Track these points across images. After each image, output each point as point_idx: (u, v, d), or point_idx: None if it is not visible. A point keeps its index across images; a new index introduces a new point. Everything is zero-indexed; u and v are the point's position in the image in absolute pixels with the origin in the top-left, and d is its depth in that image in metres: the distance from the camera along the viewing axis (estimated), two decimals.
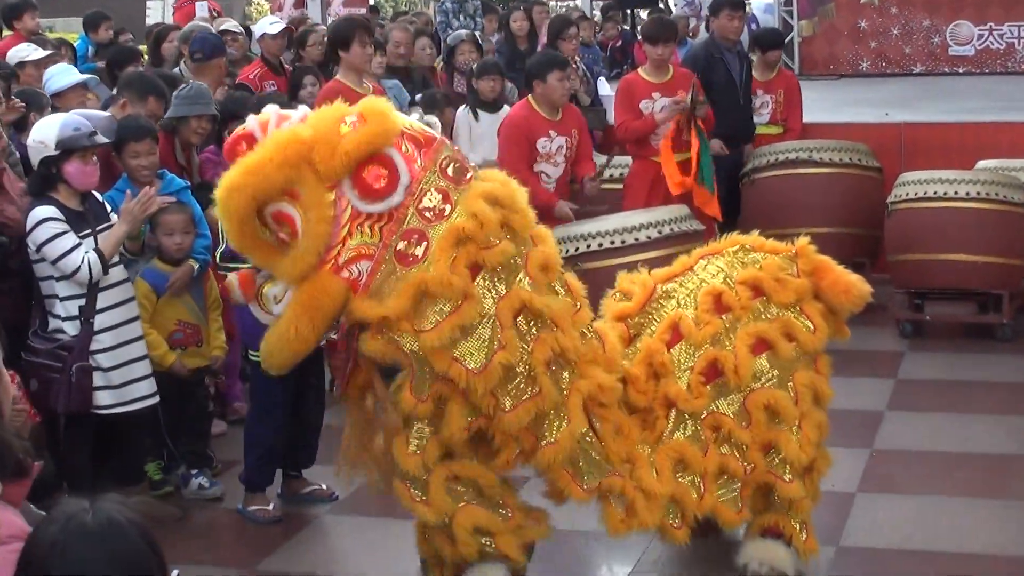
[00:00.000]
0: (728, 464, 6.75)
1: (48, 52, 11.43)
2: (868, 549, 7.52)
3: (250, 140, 6.08)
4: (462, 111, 12.11)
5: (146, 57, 13.73)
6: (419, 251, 6.06)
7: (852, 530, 7.73)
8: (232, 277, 6.34)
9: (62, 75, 10.43)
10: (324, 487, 8.32)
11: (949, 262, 11.36)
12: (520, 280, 6.19)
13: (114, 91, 10.27)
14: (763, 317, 6.85)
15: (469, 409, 6.22)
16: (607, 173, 11.96)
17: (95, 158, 7.80)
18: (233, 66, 12.73)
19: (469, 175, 6.27)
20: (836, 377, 10.08)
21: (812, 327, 6.93)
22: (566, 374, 6.33)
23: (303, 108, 6.37)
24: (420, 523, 6.66)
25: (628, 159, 11.80)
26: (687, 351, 6.80)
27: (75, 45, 14.76)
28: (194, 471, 8.50)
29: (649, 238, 9.91)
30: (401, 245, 6.07)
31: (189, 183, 8.93)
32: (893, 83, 16.96)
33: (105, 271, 7.70)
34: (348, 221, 6.03)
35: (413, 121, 6.50)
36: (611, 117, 12.55)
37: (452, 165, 6.23)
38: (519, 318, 6.18)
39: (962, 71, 18.14)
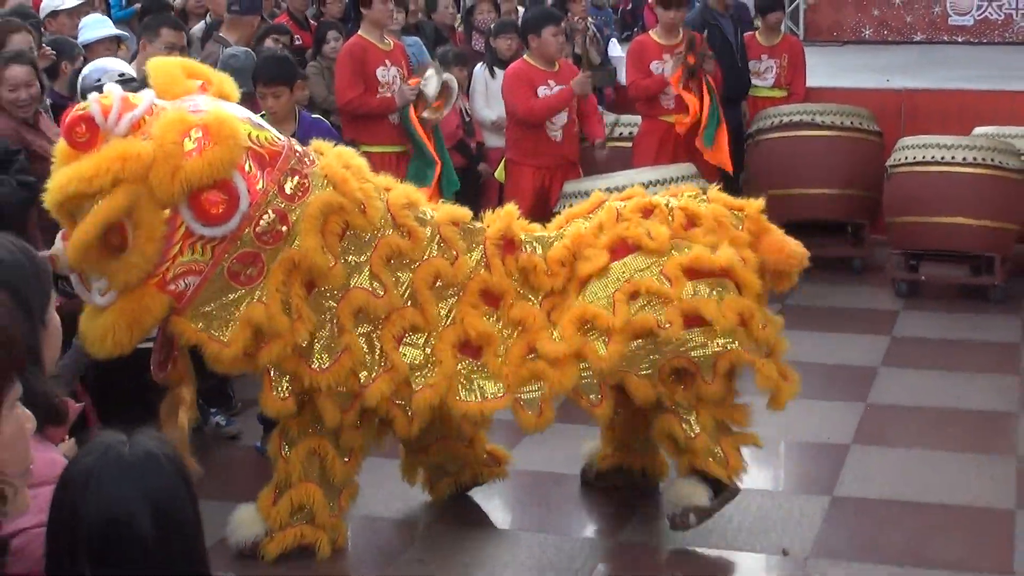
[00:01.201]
0: (641, 320, 6.67)
1: (80, 2, 11.37)
2: (860, 499, 7.54)
3: (90, 123, 5.92)
4: (479, 68, 12.07)
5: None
6: (253, 272, 6.16)
7: (846, 480, 7.75)
8: (60, 246, 6.11)
9: (94, 27, 10.36)
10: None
11: (945, 225, 11.33)
12: (362, 279, 6.42)
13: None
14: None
15: (339, 398, 6.42)
16: (617, 131, 11.96)
17: None
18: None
19: (307, 184, 6.28)
20: (834, 333, 10.23)
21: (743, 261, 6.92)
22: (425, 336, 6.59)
23: (147, 94, 6.16)
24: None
25: (638, 119, 11.77)
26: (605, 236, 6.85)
27: None
28: (213, 409, 8.52)
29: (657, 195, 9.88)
30: (236, 266, 6.12)
31: None
32: (894, 51, 16.89)
33: None
34: (181, 239, 6.01)
35: (261, 129, 6.39)
36: (622, 77, 12.53)
37: (292, 180, 6.24)
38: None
39: (961, 40, 18.06)
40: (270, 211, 6.14)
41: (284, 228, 6.17)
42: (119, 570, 2.55)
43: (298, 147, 6.47)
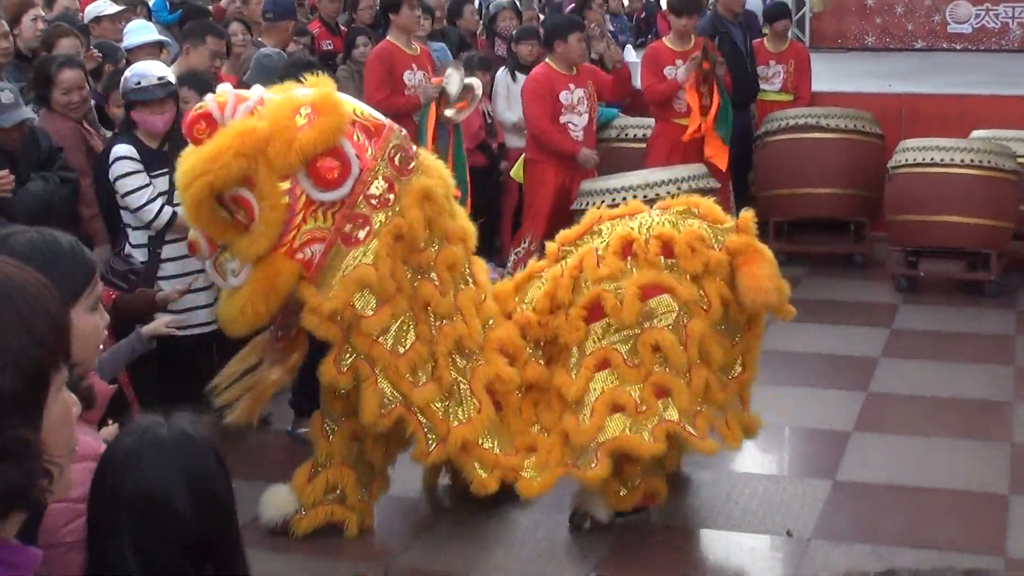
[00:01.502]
0: (618, 398, 6.61)
1: (122, 7, 11.39)
2: (861, 484, 7.53)
3: (208, 120, 6.06)
4: (501, 73, 12.08)
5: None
6: (361, 234, 6.19)
7: (847, 466, 7.74)
8: (199, 237, 6.26)
9: (138, 32, 10.37)
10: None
11: (943, 223, 11.31)
12: (430, 275, 6.43)
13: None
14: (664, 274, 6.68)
15: (382, 397, 6.39)
16: (632, 133, 11.99)
17: (164, 107, 7.80)
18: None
19: (412, 165, 6.37)
20: (835, 326, 10.22)
21: (707, 305, 6.68)
22: (466, 362, 6.56)
23: (258, 89, 6.32)
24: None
25: (650, 120, 11.78)
26: (585, 286, 6.75)
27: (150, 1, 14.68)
28: None
29: (669, 194, 9.83)
30: (348, 228, 6.17)
31: None
32: (896, 57, 16.86)
33: (169, 224, 7.76)
34: (303, 208, 6.10)
35: (363, 108, 6.50)
36: (636, 82, 12.53)
37: (399, 155, 6.33)
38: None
39: (960, 47, 18.02)
40: (380, 178, 6.24)
41: (391, 196, 6.26)
42: (157, 544, 2.56)
43: (399, 129, 6.55)
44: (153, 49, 10.00)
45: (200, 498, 2.60)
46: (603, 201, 9.91)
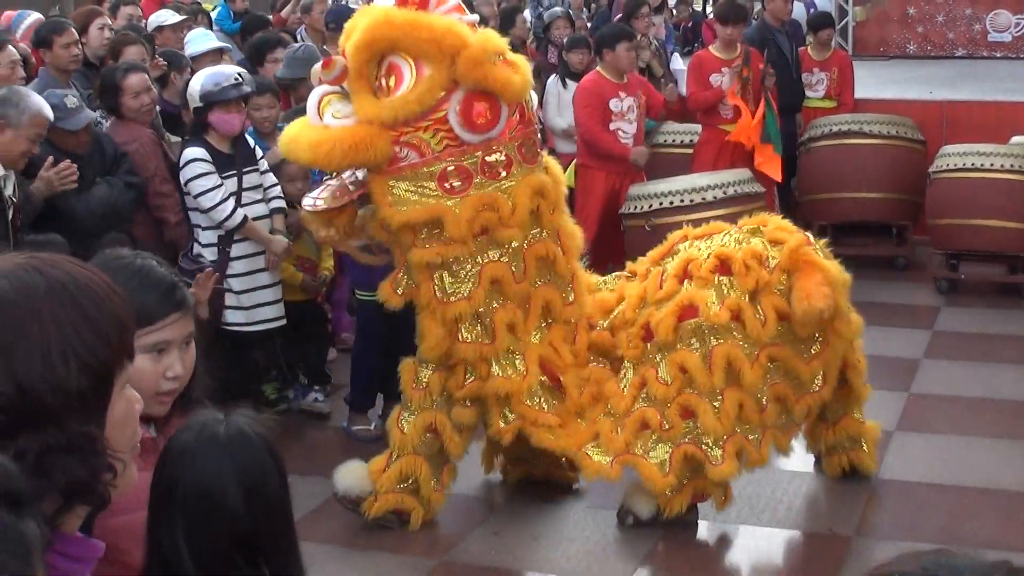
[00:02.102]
0: (647, 415, 6.62)
1: (183, 17, 11.43)
2: (903, 482, 7.48)
3: (422, 3, 6.17)
4: (552, 80, 12.07)
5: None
6: (456, 184, 6.25)
7: (889, 464, 7.69)
8: (339, 61, 6.23)
9: (200, 40, 10.42)
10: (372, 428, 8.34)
11: (983, 227, 11.23)
12: (504, 257, 6.48)
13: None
14: (724, 293, 6.61)
15: (441, 329, 6.48)
16: (676, 139, 11.98)
17: (239, 108, 7.85)
18: None
19: (537, 160, 6.50)
20: (879, 327, 10.10)
21: (763, 319, 6.60)
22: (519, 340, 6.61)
23: (473, 16, 6.50)
24: (485, 445, 7.15)
25: (698, 127, 11.74)
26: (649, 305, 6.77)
27: (212, 13, 14.73)
28: (315, 387, 8.71)
29: (715, 198, 9.86)
30: (450, 168, 6.21)
31: None
32: (937, 65, 16.74)
33: (240, 226, 7.81)
34: (434, 120, 6.15)
35: (532, 95, 6.68)
36: (682, 89, 12.51)
37: (528, 146, 6.44)
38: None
39: (1000, 55, 17.87)
40: (503, 153, 6.33)
41: (504, 173, 6.34)
42: (210, 540, 2.55)
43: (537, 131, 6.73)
44: (215, 56, 10.03)
45: (253, 496, 2.59)
46: (650, 204, 9.90)
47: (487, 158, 6.27)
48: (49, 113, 7.01)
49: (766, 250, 6.72)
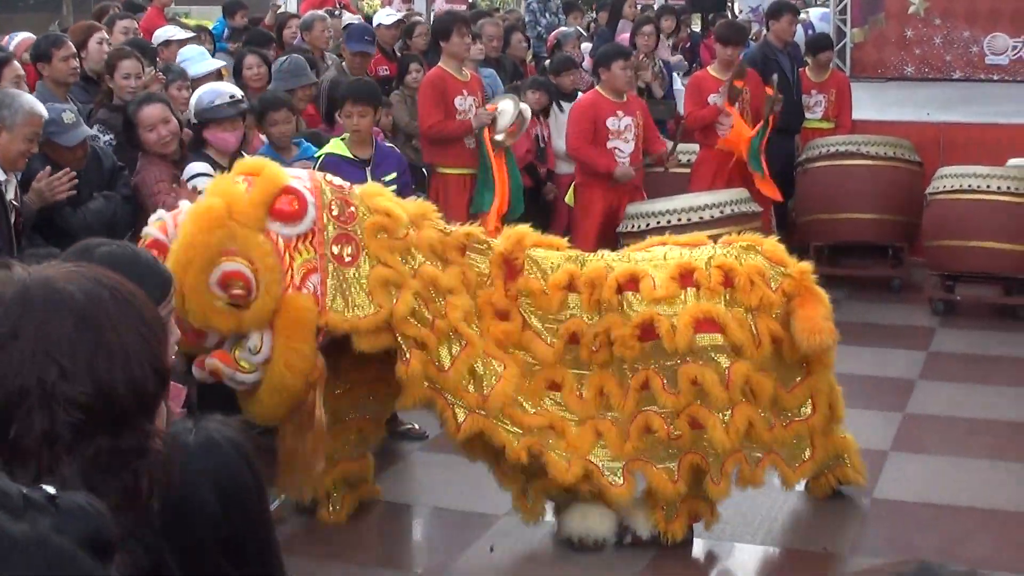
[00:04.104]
0: (651, 420, 6.55)
1: (190, 35, 11.47)
2: (898, 502, 7.48)
3: (159, 246, 6.00)
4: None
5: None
6: (353, 250, 6.22)
7: (884, 484, 7.68)
8: (214, 360, 6.16)
9: (197, 61, 10.36)
10: (416, 427, 8.34)
11: (979, 248, 11.25)
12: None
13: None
14: (726, 305, 6.57)
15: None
16: (677, 159, 12.00)
17: (235, 125, 7.83)
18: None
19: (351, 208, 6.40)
20: (874, 348, 10.16)
21: (759, 341, 6.58)
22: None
23: (184, 203, 6.34)
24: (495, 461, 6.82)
25: (696, 146, 11.76)
26: (637, 304, 6.60)
27: (212, 29, 14.79)
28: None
29: (712, 217, 9.88)
30: (335, 249, 6.17)
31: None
32: (934, 87, 16.76)
33: None
34: (284, 249, 6.08)
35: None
36: (680, 108, 12.56)
37: (335, 203, 6.34)
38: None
39: (997, 78, 17.88)
40: (334, 200, 6.27)
41: (352, 209, 6.31)
42: (192, 545, 2.57)
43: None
44: (214, 77, 10.05)
45: (229, 499, 2.60)
46: (648, 224, 9.92)
47: (335, 213, 6.27)
48: (42, 110, 6.94)
49: (769, 269, 6.72)
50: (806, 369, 6.85)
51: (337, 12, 15.47)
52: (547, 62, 12.84)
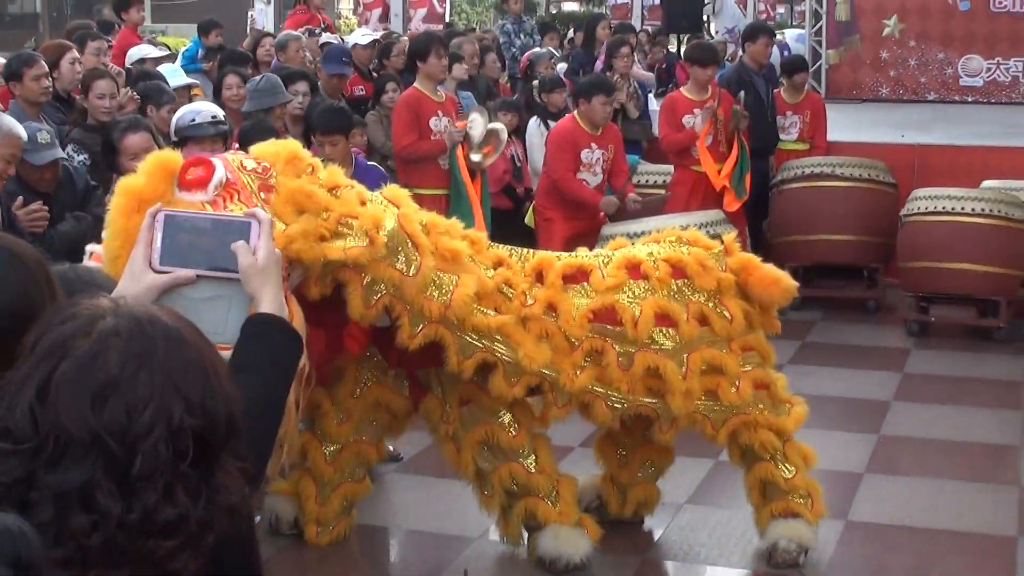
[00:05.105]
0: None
1: (164, 53, 11.46)
2: (873, 524, 7.47)
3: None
4: (534, 121, 12.11)
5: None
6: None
7: (859, 506, 7.68)
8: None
9: (170, 76, 10.38)
10: (391, 448, 8.30)
11: (954, 270, 11.28)
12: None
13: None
14: (681, 298, 6.52)
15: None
16: (651, 179, 12.01)
17: (213, 145, 7.77)
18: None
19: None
20: (849, 369, 10.17)
21: (729, 316, 6.58)
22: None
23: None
24: (480, 483, 6.68)
25: (670, 168, 11.79)
26: (586, 292, 6.47)
27: (186, 49, 14.77)
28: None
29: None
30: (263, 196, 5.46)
31: None
32: (909, 108, 16.83)
33: None
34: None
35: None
36: (656, 130, 12.57)
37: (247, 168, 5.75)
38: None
39: (971, 100, 17.97)
40: (246, 168, 5.57)
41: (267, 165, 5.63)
42: None
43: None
44: (183, 92, 10.03)
45: None
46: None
47: (247, 167, 5.60)
48: (21, 132, 6.88)
49: (706, 254, 6.69)
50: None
51: (318, 31, 15.46)
52: (535, 82, 12.81)
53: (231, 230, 2.89)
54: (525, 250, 6.67)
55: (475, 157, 10.02)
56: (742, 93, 11.87)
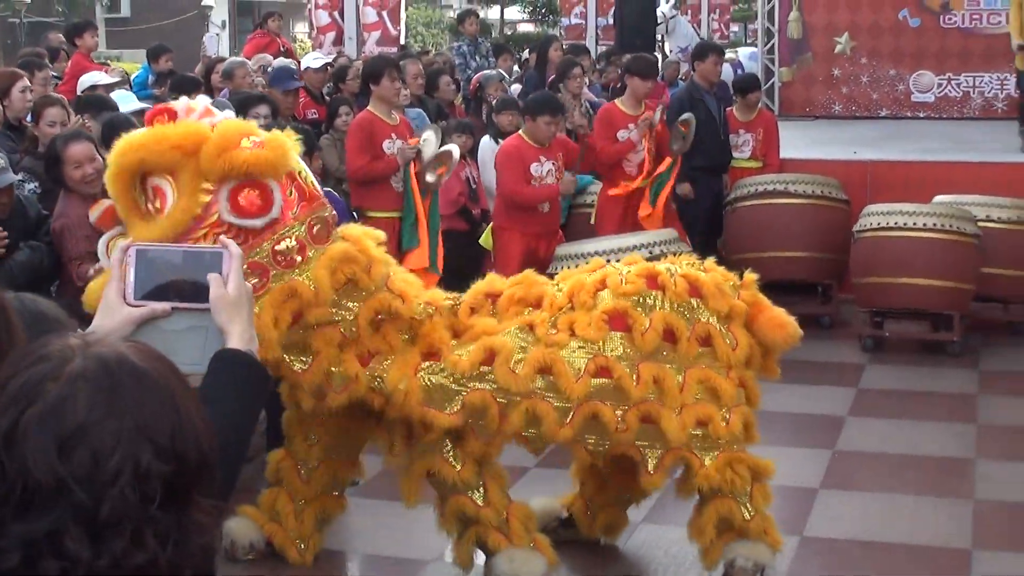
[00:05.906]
0: (600, 410, 6.39)
1: (117, 79, 11.44)
2: (828, 539, 7.50)
3: (172, 115, 5.88)
4: (486, 140, 12.11)
5: None
6: (257, 283, 5.88)
7: (814, 522, 7.71)
8: (105, 203, 6.02)
9: (123, 101, 10.40)
10: None
11: (907, 285, 11.35)
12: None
13: None
14: (693, 316, 6.52)
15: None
16: (586, 199, 12.01)
17: None
18: None
19: (330, 237, 6.19)
20: (803, 385, 10.18)
21: (734, 343, 6.58)
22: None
23: (228, 112, 6.26)
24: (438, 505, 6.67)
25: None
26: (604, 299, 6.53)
27: (136, 75, 14.77)
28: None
29: (643, 259, 9.87)
30: (245, 272, 5.85)
31: None
32: (862, 125, 16.95)
33: None
34: (208, 226, 5.79)
35: (309, 174, 6.31)
36: None
37: (319, 226, 6.13)
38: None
39: (923, 116, 18.12)
40: (293, 238, 6.01)
41: (299, 259, 6.03)
42: None
43: (329, 207, 6.35)
44: (138, 117, 10.01)
45: None
46: (578, 264, 9.90)
47: (277, 247, 5.98)
48: None
49: (724, 280, 6.73)
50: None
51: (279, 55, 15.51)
52: (495, 102, 12.82)
53: (203, 262, 2.92)
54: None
55: (430, 178, 10.04)
56: (688, 115, 11.91)
